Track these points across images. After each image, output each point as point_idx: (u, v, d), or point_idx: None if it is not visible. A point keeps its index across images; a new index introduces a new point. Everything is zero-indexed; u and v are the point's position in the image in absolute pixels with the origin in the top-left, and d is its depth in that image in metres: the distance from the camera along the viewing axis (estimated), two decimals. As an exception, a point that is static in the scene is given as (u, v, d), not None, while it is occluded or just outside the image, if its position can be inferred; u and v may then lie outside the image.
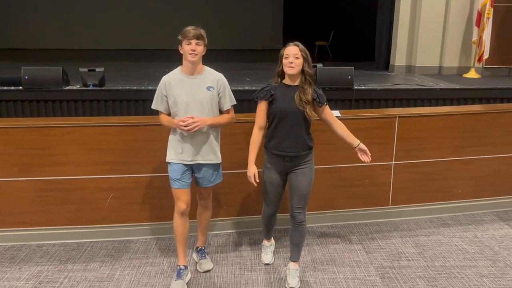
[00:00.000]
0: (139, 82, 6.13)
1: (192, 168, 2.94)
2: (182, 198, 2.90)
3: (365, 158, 2.88)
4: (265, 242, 3.36)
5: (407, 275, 3.09)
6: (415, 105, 5.72)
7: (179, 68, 2.92)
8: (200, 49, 2.81)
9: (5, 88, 5.46)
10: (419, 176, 3.94)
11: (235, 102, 2.99)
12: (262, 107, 2.84)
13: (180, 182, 2.90)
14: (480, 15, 6.63)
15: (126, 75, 6.96)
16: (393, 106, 5.72)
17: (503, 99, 5.62)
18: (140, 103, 5.54)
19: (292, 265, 3.02)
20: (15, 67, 6.06)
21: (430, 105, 5.70)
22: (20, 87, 5.40)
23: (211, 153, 2.93)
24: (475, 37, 6.77)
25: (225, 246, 3.51)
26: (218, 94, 2.91)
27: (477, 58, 6.80)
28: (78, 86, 5.62)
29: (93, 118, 4.44)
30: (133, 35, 12.73)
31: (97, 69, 5.62)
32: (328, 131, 2.94)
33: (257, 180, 2.79)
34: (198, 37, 2.78)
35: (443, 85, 5.99)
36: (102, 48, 12.37)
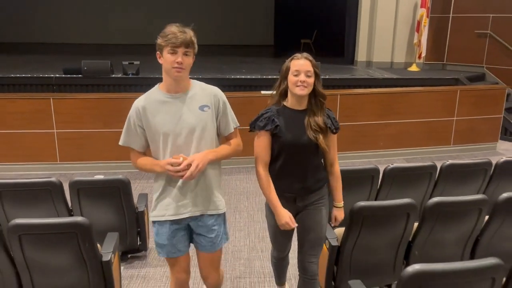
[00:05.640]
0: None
1: (189, 225, 2.25)
2: (177, 267, 2.29)
3: (333, 221, 2.53)
4: None
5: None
6: (365, 90, 7.87)
7: (156, 86, 2.20)
8: (189, 61, 2.08)
9: (69, 75, 7.57)
10: (355, 133, 6.10)
11: (239, 124, 2.31)
12: (264, 140, 2.28)
13: (168, 249, 2.23)
14: (419, 23, 8.76)
15: (151, 66, 9.02)
16: (349, 91, 7.87)
17: (427, 86, 7.77)
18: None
19: None
20: (72, 60, 8.13)
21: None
22: (80, 75, 7.49)
23: (211, 199, 2.22)
24: (415, 40, 8.91)
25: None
26: (217, 116, 2.20)
27: (417, 56, 8.96)
28: (121, 75, 7.73)
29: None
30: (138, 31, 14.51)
31: (135, 62, 7.73)
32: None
33: (296, 224, 2.31)
34: (188, 45, 2.04)
35: (386, 75, 8.16)
36: (133, 43, 13.80)
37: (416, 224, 2.72)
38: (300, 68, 2.22)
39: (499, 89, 6.64)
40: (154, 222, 2.25)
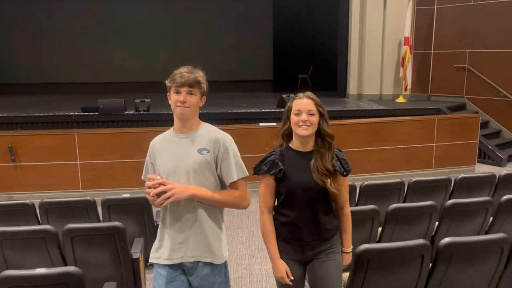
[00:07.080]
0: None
1: (184, 271, 2.17)
2: None
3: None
4: None
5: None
6: (355, 121, 8.63)
7: (172, 127, 2.25)
8: (194, 100, 2.09)
9: (87, 113, 8.40)
10: (344, 159, 6.81)
11: (247, 174, 2.17)
12: (268, 184, 2.20)
13: None
14: (403, 59, 9.63)
15: (161, 102, 9.86)
16: (341, 121, 8.62)
17: (412, 115, 8.53)
18: (175, 121, 8.45)
19: None
20: (87, 98, 8.98)
21: (366, 121, 8.61)
22: (97, 113, 8.31)
23: (207, 247, 2.12)
24: (401, 74, 9.75)
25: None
26: (217, 161, 2.12)
27: (404, 88, 9.78)
28: (133, 111, 8.55)
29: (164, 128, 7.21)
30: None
31: (146, 100, 8.56)
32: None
33: (292, 278, 2.19)
34: (192, 84, 2.06)
35: (375, 107, 8.94)
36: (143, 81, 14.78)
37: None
38: (302, 107, 2.17)
39: (473, 117, 7.40)
40: (152, 265, 2.25)
